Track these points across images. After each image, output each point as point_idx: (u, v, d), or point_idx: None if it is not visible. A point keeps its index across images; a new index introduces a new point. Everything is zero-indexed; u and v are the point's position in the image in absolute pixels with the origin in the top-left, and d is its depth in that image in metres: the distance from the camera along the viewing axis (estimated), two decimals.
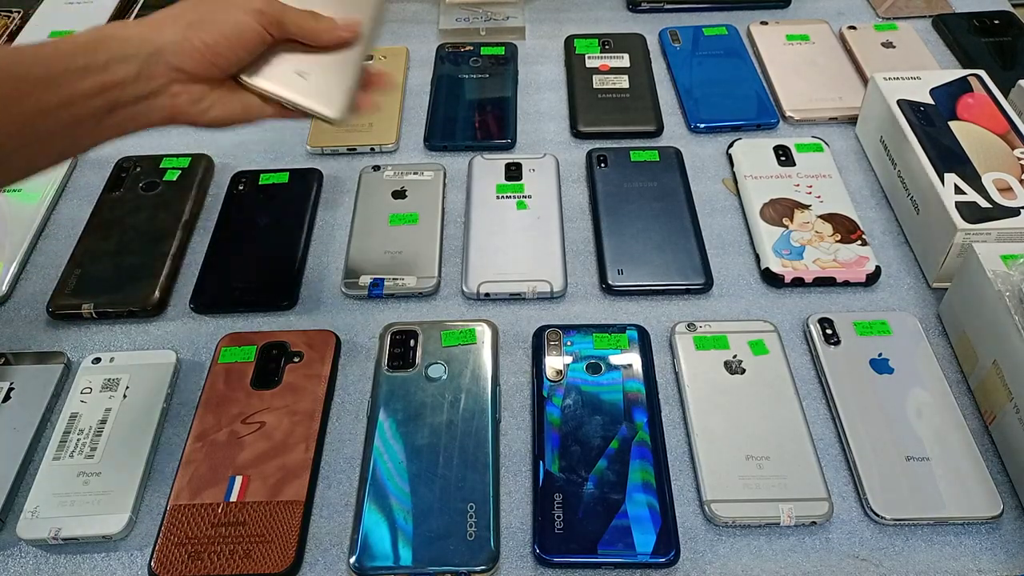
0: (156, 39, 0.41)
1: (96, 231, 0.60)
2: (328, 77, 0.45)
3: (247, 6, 0.43)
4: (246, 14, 0.43)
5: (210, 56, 0.42)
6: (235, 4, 0.43)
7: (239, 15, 0.43)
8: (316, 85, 0.45)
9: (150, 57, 0.40)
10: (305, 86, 0.45)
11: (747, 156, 0.64)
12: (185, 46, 0.41)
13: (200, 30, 0.41)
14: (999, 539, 0.44)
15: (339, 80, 0.46)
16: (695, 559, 0.43)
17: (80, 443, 0.47)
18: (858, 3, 0.81)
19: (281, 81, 0.44)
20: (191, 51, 0.41)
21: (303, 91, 0.45)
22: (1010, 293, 0.46)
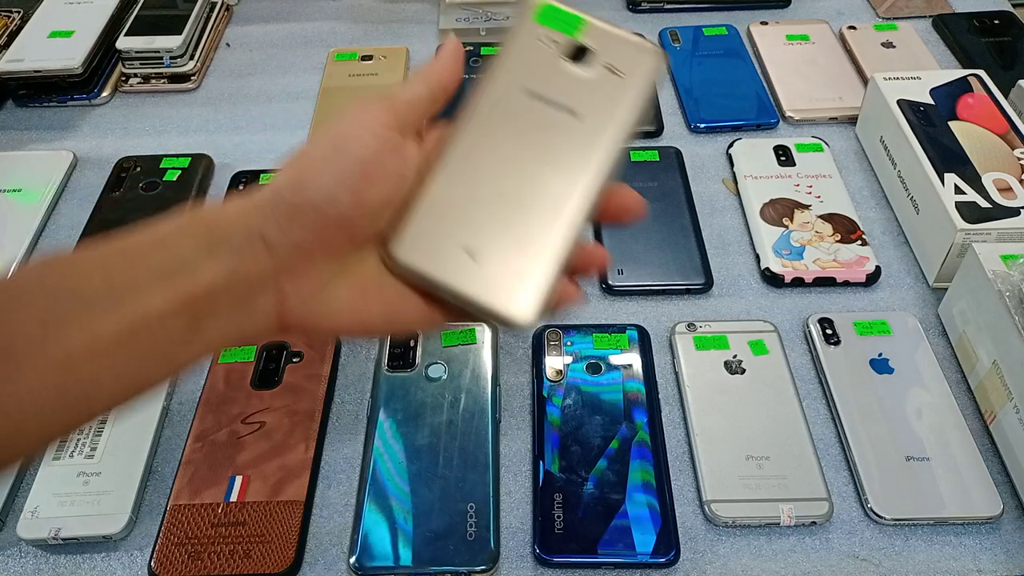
0: (251, 203, 0.29)
1: (96, 231, 0.60)
2: (516, 255, 0.31)
3: (381, 115, 0.31)
4: (384, 128, 0.30)
5: (339, 206, 0.29)
6: (364, 118, 0.30)
7: (373, 131, 0.30)
8: (495, 269, 0.30)
9: (247, 235, 0.29)
10: (476, 271, 0.30)
11: (747, 156, 0.64)
12: (296, 199, 0.29)
13: (322, 169, 0.29)
14: (999, 539, 0.44)
15: (533, 261, 0.31)
16: (695, 559, 0.43)
17: (80, 443, 0.47)
18: (858, 3, 0.81)
19: (439, 262, 0.31)
20: (305, 206, 0.29)
21: (472, 280, 0.30)
22: (1010, 293, 0.46)
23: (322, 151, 0.30)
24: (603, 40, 0.33)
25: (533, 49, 0.33)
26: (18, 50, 0.71)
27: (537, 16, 0.33)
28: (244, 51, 0.78)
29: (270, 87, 0.74)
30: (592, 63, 0.33)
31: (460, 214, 0.31)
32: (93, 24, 0.73)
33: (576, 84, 0.33)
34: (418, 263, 0.31)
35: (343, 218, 0.30)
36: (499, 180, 0.32)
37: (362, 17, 0.82)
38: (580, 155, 0.32)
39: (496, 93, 0.33)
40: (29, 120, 0.71)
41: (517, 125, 0.32)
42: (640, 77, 0.33)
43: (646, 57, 0.33)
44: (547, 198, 0.31)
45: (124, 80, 0.73)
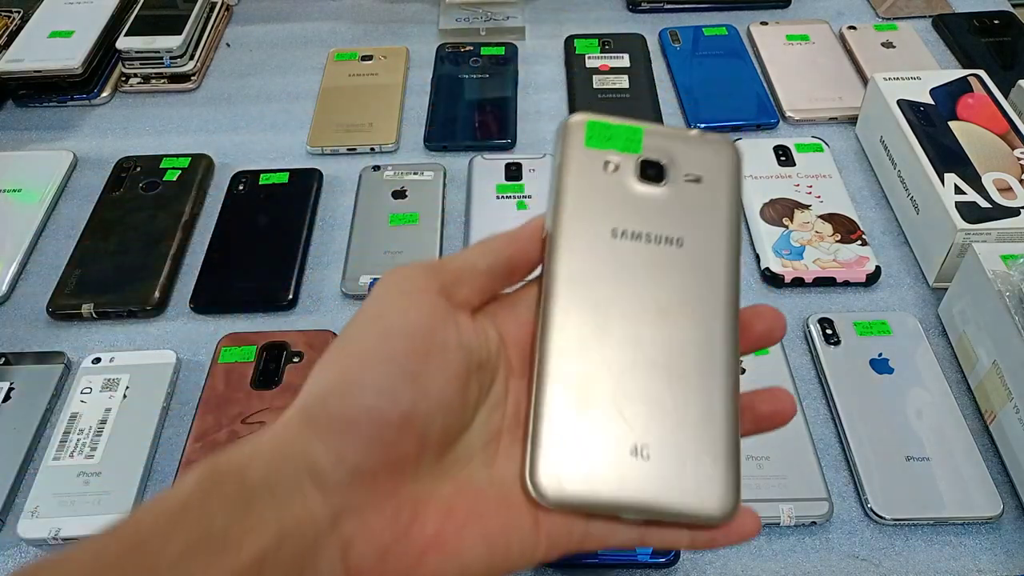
0: (287, 427, 0.24)
1: (96, 231, 0.60)
2: (691, 438, 0.26)
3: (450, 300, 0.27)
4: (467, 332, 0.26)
5: (409, 429, 0.24)
6: (401, 284, 0.26)
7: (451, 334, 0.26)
8: (673, 462, 0.25)
9: (290, 475, 0.23)
10: (652, 473, 0.25)
11: (747, 156, 0.64)
12: (346, 407, 0.24)
13: (367, 358, 0.25)
14: (999, 539, 0.44)
15: (712, 437, 0.26)
16: (695, 559, 0.43)
17: (80, 443, 0.47)
18: (858, 3, 0.81)
19: (607, 478, 0.25)
20: (358, 413, 0.24)
21: (654, 484, 0.25)
22: (1010, 293, 0.46)
23: (361, 336, 0.25)
24: (670, 147, 0.29)
25: (598, 179, 0.28)
26: (18, 50, 0.71)
27: (588, 140, 0.28)
28: (244, 51, 0.78)
29: (270, 87, 0.74)
30: (669, 178, 0.28)
31: (604, 408, 0.25)
32: (93, 24, 0.73)
33: (663, 207, 0.28)
34: (581, 489, 0.24)
35: (408, 418, 0.24)
36: (628, 350, 0.26)
37: (362, 17, 0.82)
38: (704, 289, 0.27)
39: (579, 245, 0.27)
40: (29, 120, 0.71)
41: (620, 276, 0.27)
42: (724, 178, 0.29)
43: (722, 153, 0.29)
44: (691, 353, 0.26)
45: (124, 80, 0.73)
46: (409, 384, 0.24)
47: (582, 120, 0.29)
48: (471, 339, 0.26)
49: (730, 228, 0.29)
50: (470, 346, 0.26)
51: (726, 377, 0.27)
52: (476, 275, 0.27)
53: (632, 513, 0.25)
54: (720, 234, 0.28)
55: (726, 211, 0.29)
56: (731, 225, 0.29)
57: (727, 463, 0.26)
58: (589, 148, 0.28)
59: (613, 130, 0.29)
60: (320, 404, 0.24)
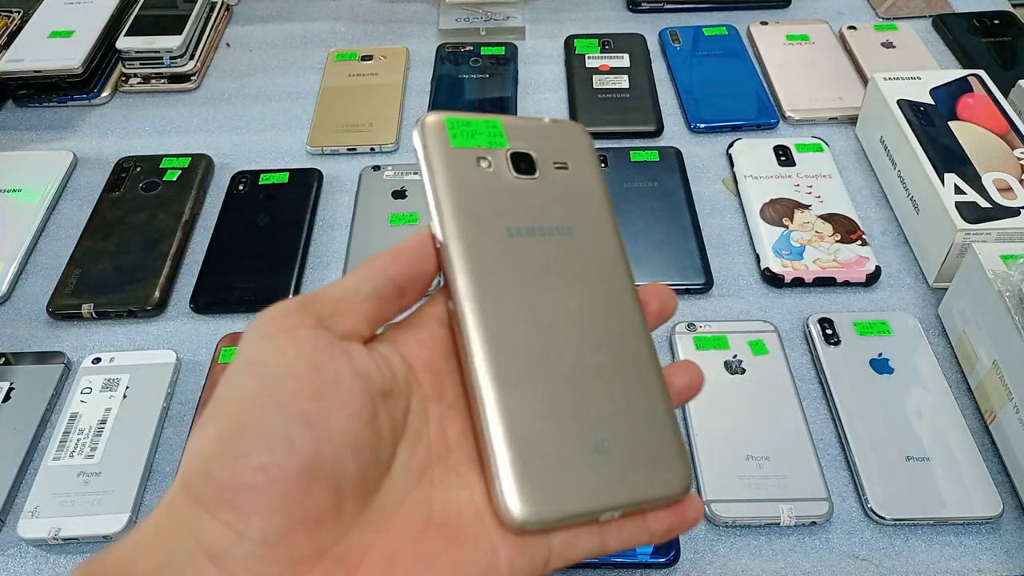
0: (169, 509, 0.22)
1: (96, 231, 0.60)
2: (642, 427, 0.26)
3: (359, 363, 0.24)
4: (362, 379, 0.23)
5: (307, 495, 0.21)
6: (269, 326, 0.24)
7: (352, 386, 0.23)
8: (632, 453, 0.26)
9: (183, 561, 0.20)
10: (618, 467, 0.25)
11: (747, 156, 0.64)
12: (235, 472, 0.21)
13: (251, 411, 0.22)
14: (999, 539, 0.44)
15: (659, 424, 0.27)
16: (695, 559, 0.43)
17: (80, 443, 0.47)
18: (858, 3, 0.81)
19: (580, 490, 0.24)
20: (251, 475, 0.21)
21: (623, 480, 0.25)
22: (1010, 293, 0.46)
23: (237, 387, 0.22)
24: (530, 138, 0.29)
25: (476, 178, 0.27)
26: (18, 50, 0.71)
27: (453, 139, 0.28)
28: (244, 51, 0.78)
29: (270, 87, 0.74)
30: (540, 168, 0.29)
31: (557, 414, 0.25)
32: (93, 24, 0.73)
33: (544, 197, 0.28)
34: (561, 502, 0.24)
35: (311, 467, 0.21)
36: (559, 350, 0.26)
37: (362, 17, 0.82)
38: (606, 274, 0.28)
39: (479, 250, 0.26)
40: (29, 120, 0.71)
41: (529, 275, 0.26)
42: (586, 162, 0.30)
43: (576, 137, 0.30)
44: (614, 341, 0.27)
45: (124, 80, 0.73)
46: (304, 428, 0.21)
47: (439, 120, 0.28)
48: (367, 367, 0.24)
49: (608, 209, 0.29)
50: (368, 374, 0.23)
51: (649, 358, 0.27)
52: (359, 302, 0.25)
53: (609, 512, 0.25)
54: (602, 216, 0.29)
55: (599, 193, 0.29)
56: (608, 206, 0.29)
57: (675, 439, 0.27)
58: (457, 148, 0.28)
59: (474, 126, 0.28)
60: (203, 475, 0.21)
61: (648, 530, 0.26)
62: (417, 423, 0.25)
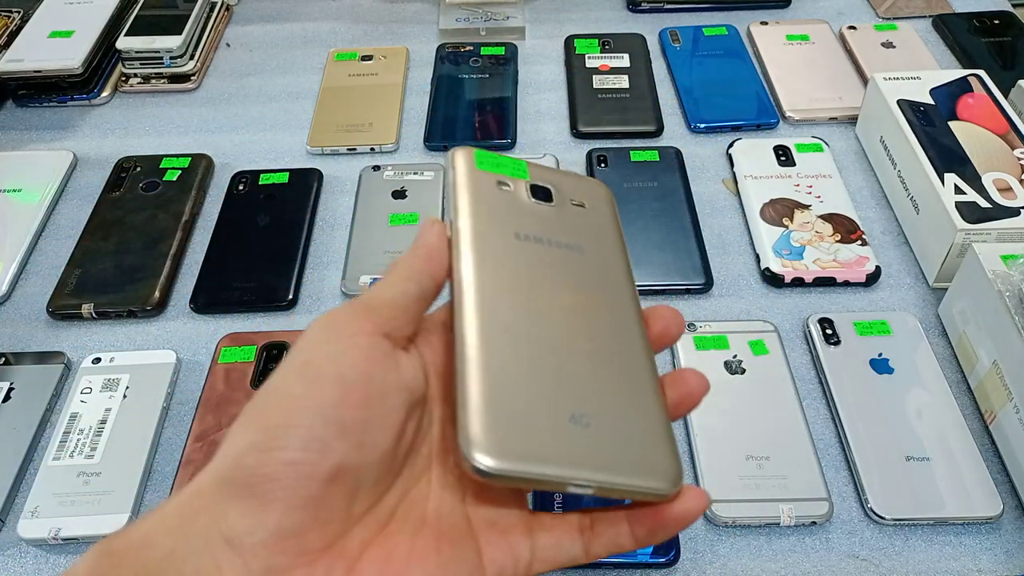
0: (196, 492, 0.22)
1: (96, 231, 0.60)
2: (629, 415, 0.26)
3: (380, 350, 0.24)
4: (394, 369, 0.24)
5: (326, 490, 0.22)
6: (337, 327, 0.24)
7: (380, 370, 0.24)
8: (614, 434, 0.25)
9: (200, 544, 0.21)
10: (595, 442, 0.24)
11: (747, 156, 0.64)
12: (265, 464, 0.21)
13: (295, 409, 0.22)
14: (999, 539, 0.44)
15: (650, 419, 0.26)
16: (695, 559, 0.43)
17: (80, 443, 0.47)
18: (858, 3, 0.81)
19: (548, 450, 0.24)
20: (281, 470, 0.21)
21: (598, 455, 0.24)
22: (1010, 293, 0.46)
23: (285, 385, 0.23)
24: (552, 179, 0.31)
25: (494, 194, 0.29)
26: (18, 50, 0.71)
27: (479, 163, 0.30)
28: (244, 51, 0.78)
29: (270, 87, 0.74)
30: (556, 200, 0.31)
31: (536, 378, 0.25)
32: (93, 24, 0.73)
33: (557, 220, 0.30)
34: (524, 457, 0.23)
35: (338, 472, 0.22)
36: (551, 333, 0.26)
37: (362, 17, 0.82)
38: (609, 287, 0.29)
39: (485, 247, 0.27)
40: (29, 120, 0.71)
41: (531, 271, 0.28)
42: (605, 208, 0.31)
43: (599, 191, 0.32)
44: (611, 340, 0.27)
45: (124, 80, 0.73)
46: (341, 436, 0.22)
47: (469, 150, 0.30)
48: (412, 380, 0.24)
49: (621, 242, 0.30)
50: (411, 387, 0.24)
51: (647, 363, 0.27)
52: (411, 304, 0.25)
53: (579, 485, 0.24)
54: (613, 245, 0.30)
55: (613, 229, 0.31)
56: (620, 240, 0.31)
57: (667, 438, 0.26)
58: (481, 170, 0.30)
59: (500, 159, 0.31)
60: (236, 464, 0.21)
61: (633, 534, 0.25)
62: (425, 424, 0.26)
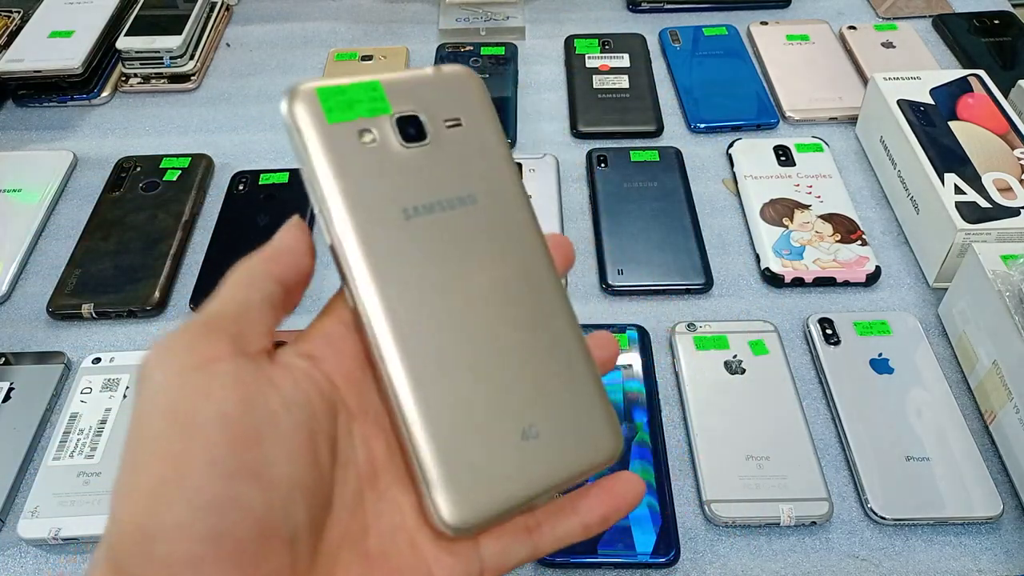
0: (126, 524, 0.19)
1: (96, 231, 0.60)
2: (568, 399, 0.25)
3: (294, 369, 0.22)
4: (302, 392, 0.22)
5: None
6: (188, 360, 0.20)
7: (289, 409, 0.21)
8: (560, 431, 0.25)
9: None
10: (547, 450, 0.24)
11: (747, 156, 0.64)
12: (150, 553, 0.18)
13: (173, 472, 0.19)
14: (999, 539, 0.44)
15: (585, 392, 0.25)
16: (695, 559, 0.43)
17: (80, 443, 0.47)
18: (858, 3, 0.81)
19: (512, 481, 0.23)
20: (172, 554, 0.18)
21: (553, 461, 0.24)
22: (1010, 293, 0.46)
23: (160, 441, 0.19)
24: (416, 95, 0.26)
25: (360, 158, 0.24)
26: (18, 50, 0.71)
27: (329, 114, 0.24)
28: (244, 51, 0.78)
29: (270, 87, 0.74)
30: (430, 131, 0.26)
31: (478, 408, 0.24)
32: (93, 24, 0.73)
33: (439, 165, 0.25)
34: (494, 500, 0.23)
35: (266, 524, 0.19)
36: (473, 337, 0.24)
37: (362, 17, 0.82)
38: (515, 240, 0.26)
39: (376, 241, 0.24)
40: (29, 120, 0.71)
41: (433, 260, 0.24)
42: (480, 113, 0.27)
43: (467, 85, 0.27)
44: (529, 311, 0.25)
45: (124, 80, 0.73)
46: (249, 483, 0.19)
47: (311, 91, 0.25)
48: (297, 394, 0.21)
49: (510, 166, 0.27)
50: (300, 403, 0.21)
51: (568, 324, 0.26)
52: (256, 314, 0.22)
53: (545, 497, 0.24)
54: (504, 174, 0.26)
55: (497, 147, 0.27)
56: (509, 162, 0.27)
57: (601, 405, 0.25)
58: (334, 123, 0.24)
59: (351, 92, 0.25)
60: (143, 555, 0.18)
61: (582, 523, 0.25)
62: (345, 447, 0.23)
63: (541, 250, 0.26)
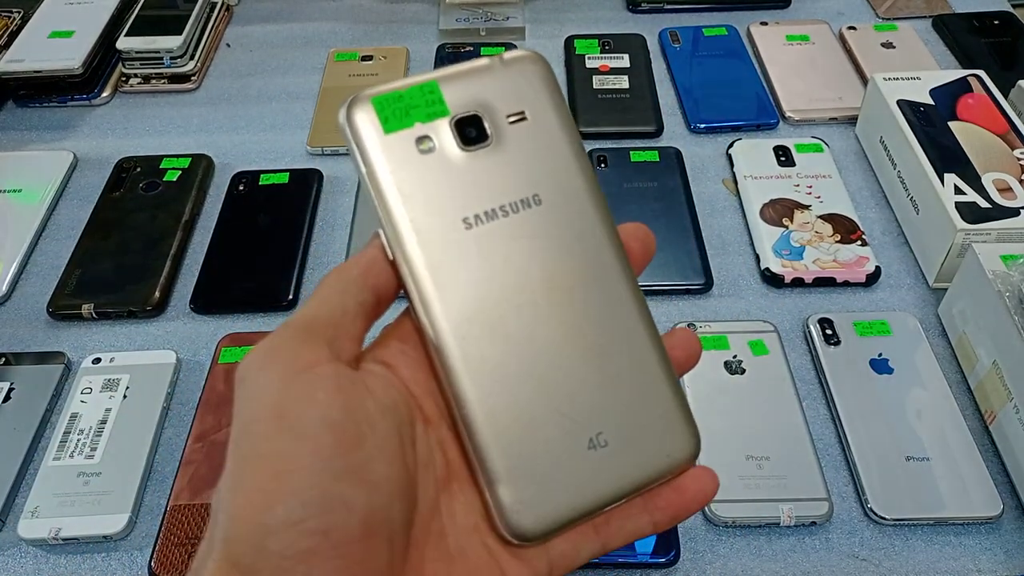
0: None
1: (96, 231, 0.60)
2: (639, 404, 0.25)
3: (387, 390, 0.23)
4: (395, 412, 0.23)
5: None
6: (292, 364, 0.22)
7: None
8: (630, 438, 0.24)
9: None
10: (615, 458, 0.24)
11: (747, 156, 0.64)
12: (264, 550, 0.19)
13: (286, 470, 0.20)
14: (999, 539, 0.44)
15: (658, 395, 0.25)
16: (695, 559, 0.43)
17: (80, 443, 0.47)
18: (858, 3, 0.81)
19: (578, 490, 0.23)
20: (287, 550, 0.19)
21: (621, 469, 0.24)
22: (1010, 293, 0.46)
23: (270, 445, 0.20)
24: (476, 91, 0.25)
25: (419, 169, 0.24)
26: (18, 50, 0.71)
27: (386, 124, 0.24)
28: (244, 51, 0.78)
29: (270, 87, 0.74)
30: (492, 130, 0.25)
31: (543, 416, 0.23)
32: (93, 24, 0.73)
33: (502, 167, 0.24)
34: (558, 508, 0.23)
35: (369, 523, 0.20)
36: (539, 344, 0.24)
37: (362, 17, 0.82)
38: (582, 240, 0.25)
39: (436, 253, 0.24)
40: (29, 120, 0.71)
41: (495, 269, 0.24)
42: (546, 102, 0.25)
43: (531, 72, 0.25)
44: (600, 314, 0.24)
45: (124, 80, 0.73)
46: (355, 484, 0.20)
47: (366, 101, 0.24)
48: (388, 399, 0.22)
49: (578, 159, 0.25)
50: (392, 408, 0.22)
51: (640, 323, 0.25)
52: (350, 321, 0.23)
53: (612, 504, 0.24)
54: (571, 169, 0.25)
55: (564, 141, 0.25)
56: (577, 155, 0.25)
57: (677, 406, 0.25)
58: (391, 134, 0.24)
59: (407, 98, 0.24)
60: (256, 549, 0.19)
61: (652, 521, 0.25)
62: (423, 451, 0.24)
63: (611, 247, 0.25)
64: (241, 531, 0.19)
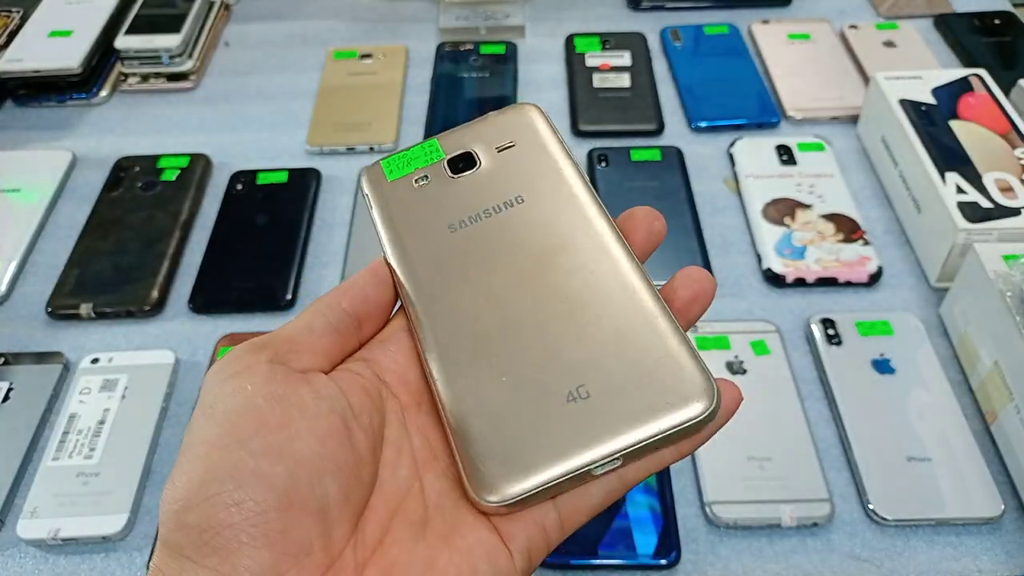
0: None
1: (95, 231, 0.60)
2: (628, 351, 0.24)
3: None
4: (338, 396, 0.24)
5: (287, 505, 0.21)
6: (228, 365, 0.24)
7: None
8: (622, 384, 0.23)
9: None
10: (602, 409, 0.22)
11: (748, 155, 0.64)
12: (207, 509, 0.21)
13: (215, 447, 0.22)
14: (1000, 539, 0.43)
15: (653, 341, 0.24)
16: (696, 560, 0.43)
17: (79, 444, 0.47)
18: (859, 2, 0.81)
19: (557, 447, 0.22)
20: (221, 508, 0.21)
21: (612, 424, 0.22)
22: (1011, 293, 0.46)
23: (199, 433, 0.22)
24: (470, 136, 0.28)
25: (414, 197, 0.27)
26: (17, 50, 0.71)
27: (389, 174, 0.28)
28: (243, 50, 0.78)
29: (269, 86, 0.74)
30: (481, 158, 0.27)
31: (517, 376, 0.23)
32: (92, 24, 0.73)
33: (488, 182, 0.27)
34: (533, 470, 0.22)
35: (289, 495, 0.21)
36: (516, 308, 0.24)
37: (361, 16, 0.82)
38: (568, 216, 0.26)
39: (418, 252, 0.26)
40: (28, 120, 0.71)
41: (477, 254, 0.26)
42: (539, 135, 0.27)
43: (526, 116, 0.28)
44: (587, 278, 0.25)
45: (123, 79, 0.73)
46: (273, 460, 0.21)
47: (377, 164, 0.29)
48: (330, 389, 0.24)
49: (566, 167, 0.27)
50: (333, 395, 0.23)
51: (636, 281, 0.25)
52: (314, 338, 0.25)
53: (605, 463, 0.22)
54: (557, 167, 0.26)
55: (551, 156, 0.27)
56: (564, 165, 0.27)
57: (680, 355, 0.23)
58: (394, 180, 0.28)
59: (410, 155, 0.28)
60: (178, 526, 0.21)
61: (675, 448, 0.24)
62: (396, 435, 0.25)
63: (603, 224, 0.26)
64: (167, 512, 0.21)
